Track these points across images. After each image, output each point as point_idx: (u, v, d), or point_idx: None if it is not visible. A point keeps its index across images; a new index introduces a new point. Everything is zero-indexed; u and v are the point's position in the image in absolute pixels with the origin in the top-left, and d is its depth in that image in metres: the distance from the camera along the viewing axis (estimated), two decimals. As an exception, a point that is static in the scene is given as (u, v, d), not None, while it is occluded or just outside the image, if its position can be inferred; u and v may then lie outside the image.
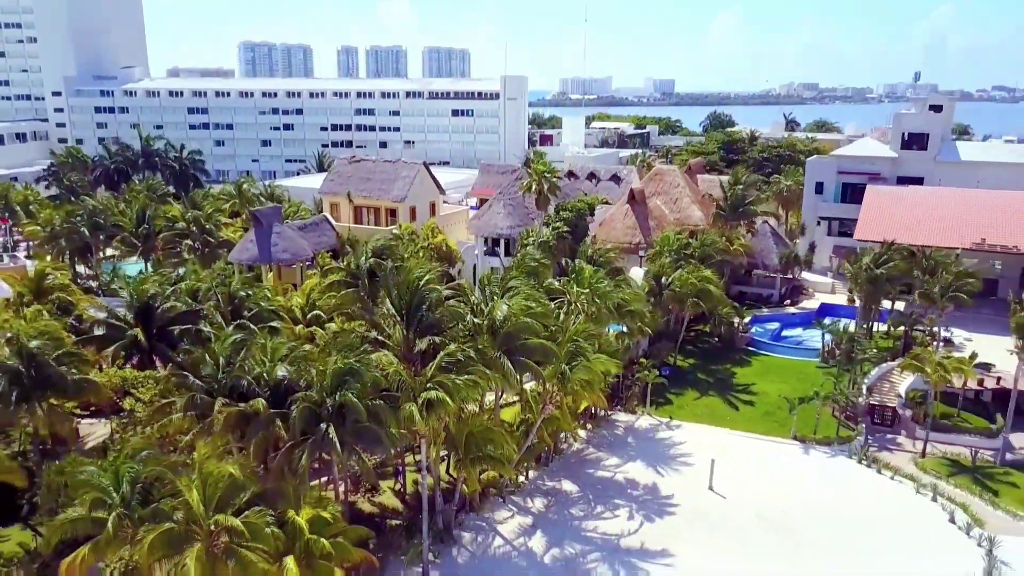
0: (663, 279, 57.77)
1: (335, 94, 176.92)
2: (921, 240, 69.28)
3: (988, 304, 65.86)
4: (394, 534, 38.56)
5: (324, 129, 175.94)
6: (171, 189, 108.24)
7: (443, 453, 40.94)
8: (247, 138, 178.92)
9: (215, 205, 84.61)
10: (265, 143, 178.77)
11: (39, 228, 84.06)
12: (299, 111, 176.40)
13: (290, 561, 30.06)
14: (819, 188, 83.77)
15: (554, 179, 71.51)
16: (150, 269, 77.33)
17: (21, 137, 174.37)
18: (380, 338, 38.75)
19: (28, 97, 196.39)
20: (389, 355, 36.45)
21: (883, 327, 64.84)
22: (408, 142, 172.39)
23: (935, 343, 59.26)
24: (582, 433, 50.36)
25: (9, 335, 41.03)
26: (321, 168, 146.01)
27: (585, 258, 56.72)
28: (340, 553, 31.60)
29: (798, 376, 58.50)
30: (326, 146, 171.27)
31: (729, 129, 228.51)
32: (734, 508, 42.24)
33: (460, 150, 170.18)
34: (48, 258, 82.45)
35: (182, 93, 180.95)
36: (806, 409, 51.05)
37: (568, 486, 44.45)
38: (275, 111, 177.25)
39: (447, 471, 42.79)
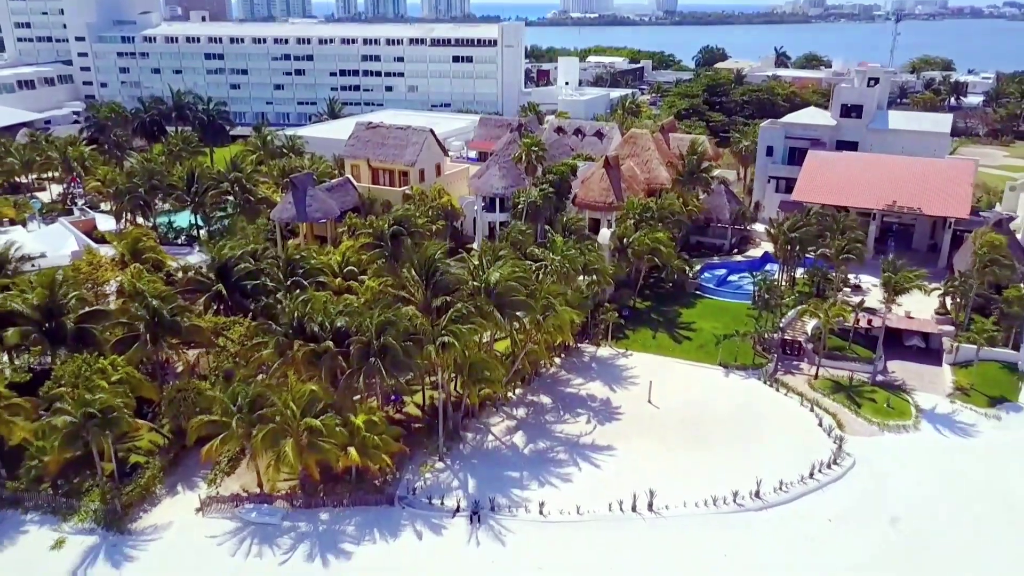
0: (625, 239, 72.04)
1: (343, 41, 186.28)
2: (846, 201, 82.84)
3: (903, 254, 78.88)
4: (418, 434, 54.24)
5: (333, 74, 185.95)
6: (196, 136, 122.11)
7: (452, 375, 55.88)
8: (261, 82, 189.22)
9: (250, 164, 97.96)
10: (278, 87, 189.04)
11: (100, 184, 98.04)
12: (309, 57, 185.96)
13: (353, 450, 45.93)
14: (770, 151, 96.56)
15: (540, 152, 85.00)
16: (199, 221, 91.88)
17: (49, 81, 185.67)
18: (407, 296, 53.85)
19: (49, 39, 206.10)
20: (414, 309, 51.56)
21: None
22: (412, 87, 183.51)
23: (843, 289, 73.81)
24: (557, 360, 65.30)
25: (132, 292, 55.98)
26: (332, 114, 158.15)
27: (561, 226, 70.87)
28: (385, 445, 47.27)
29: (732, 316, 73.00)
30: (335, 90, 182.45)
31: (719, 65, 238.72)
32: (664, 416, 57.71)
33: (460, 94, 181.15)
34: (107, 206, 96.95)
35: (199, 39, 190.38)
36: (731, 343, 66.30)
37: (544, 399, 59.89)
38: (286, 57, 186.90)
39: (455, 389, 57.09)
